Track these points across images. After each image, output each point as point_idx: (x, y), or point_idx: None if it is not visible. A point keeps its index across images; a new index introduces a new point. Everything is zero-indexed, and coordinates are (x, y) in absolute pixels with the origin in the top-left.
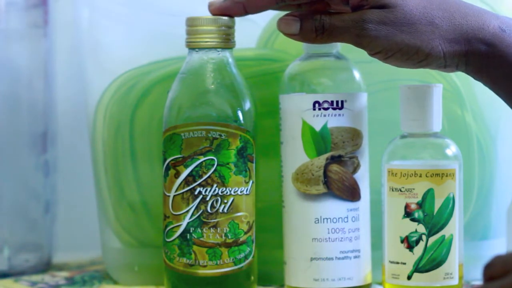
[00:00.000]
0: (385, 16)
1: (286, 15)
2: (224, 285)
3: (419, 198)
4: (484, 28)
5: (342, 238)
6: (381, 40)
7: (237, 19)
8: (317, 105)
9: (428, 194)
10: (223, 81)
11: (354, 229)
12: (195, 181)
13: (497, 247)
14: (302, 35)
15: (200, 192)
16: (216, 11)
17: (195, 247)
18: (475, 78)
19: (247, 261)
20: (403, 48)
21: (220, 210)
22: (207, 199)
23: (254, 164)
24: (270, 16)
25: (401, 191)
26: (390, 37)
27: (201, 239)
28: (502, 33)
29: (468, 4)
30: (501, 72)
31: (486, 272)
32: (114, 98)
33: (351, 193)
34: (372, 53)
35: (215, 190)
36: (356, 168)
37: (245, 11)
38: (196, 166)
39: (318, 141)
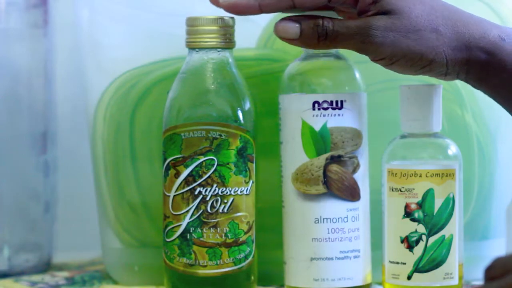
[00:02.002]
0: (391, 22)
1: (284, 18)
2: (224, 285)
3: (419, 198)
4: (484, 36)
5: (342, 238)
6: (386, 46)
7: (237, 19)
8: (316, 105)
9: (428, 194)
10: (223, 81)
11: (354, 229)
12: (195, 181)
13: (497, 247)
14: (302, 41)
15: (200, 192)
16: (231, 9)
17: (195, 247)
18: (475, 87)
19: (247, 261)
20: (408, 55)
21: (220, 210)
22: (207, 199)
23: (254, 164)
24: (270, 16)
25: (401, 191)
26: (396, 44)
27: (201, 239)
28: (502, 41)
29: (468, 13)
30: (501, 80)
31: (487, 274)
32: (114, 98)
33: (351, 193)
34: (376, 59)
35: (215, 190)
36: (356, 168)
37: (260, 10)
38: (196, 166)
39: (318, 141)
